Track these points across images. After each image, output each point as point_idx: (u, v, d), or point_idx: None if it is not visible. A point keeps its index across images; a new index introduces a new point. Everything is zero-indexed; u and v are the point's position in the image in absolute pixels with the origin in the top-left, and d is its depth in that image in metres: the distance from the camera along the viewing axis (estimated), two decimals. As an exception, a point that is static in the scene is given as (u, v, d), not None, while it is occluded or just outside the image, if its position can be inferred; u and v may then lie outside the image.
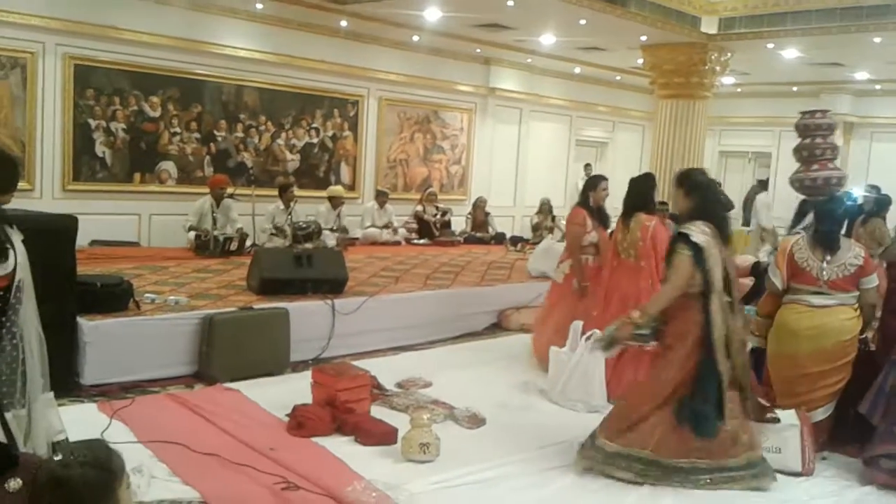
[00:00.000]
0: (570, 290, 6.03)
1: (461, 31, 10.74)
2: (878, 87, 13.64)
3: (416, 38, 11.07)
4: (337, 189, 10.28)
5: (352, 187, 11.45)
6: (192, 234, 8.50)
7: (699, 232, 3.96)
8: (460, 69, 12.52)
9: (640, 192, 5.69)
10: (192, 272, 7.30)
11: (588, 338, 5.16)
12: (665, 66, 10.88)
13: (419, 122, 12.34)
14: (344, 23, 10.26)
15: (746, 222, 12.99)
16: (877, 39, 9.34)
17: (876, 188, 10.01)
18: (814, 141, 6.34)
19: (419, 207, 11.43)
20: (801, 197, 6.71)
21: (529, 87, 13.48)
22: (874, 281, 4.51)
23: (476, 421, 4.71)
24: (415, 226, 11.25)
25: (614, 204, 5.99)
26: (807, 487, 4.18)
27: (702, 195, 4.16)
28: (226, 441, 4.28)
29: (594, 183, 6.22)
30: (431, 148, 12.57)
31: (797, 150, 6.30)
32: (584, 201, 6.17)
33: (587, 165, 13.99)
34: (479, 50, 12.00)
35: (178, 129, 9.62)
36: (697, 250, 3.92)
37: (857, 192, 4.84)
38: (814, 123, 6.38)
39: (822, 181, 6.30)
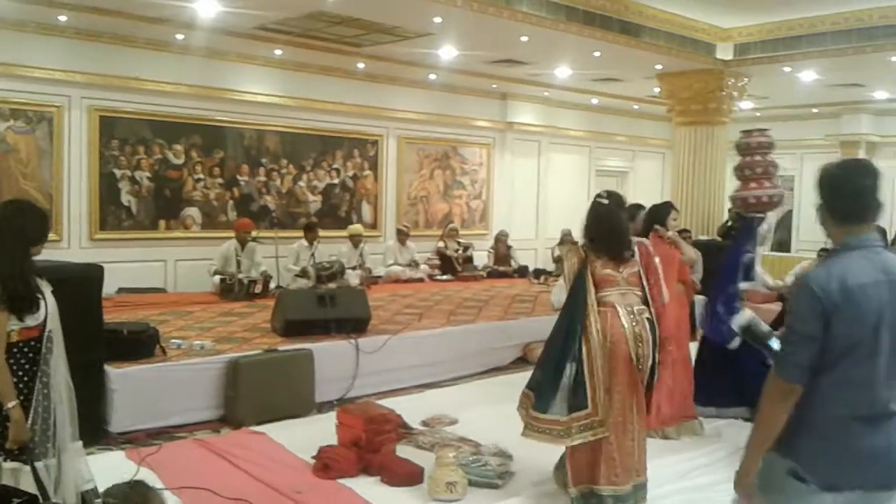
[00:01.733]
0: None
1: (477, 67, 10.86)
2: (898, 105, 13.54)
3: (432, 76, 11.21)
4: (356, 227, 10.36)
5: (373, 226, 11.53)
6: (217, 278, 8.59)
7: None
8: (477, 105, 12.64)
9: (655, 220, 5.66)
10: (217, 316, 7.37)
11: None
12: (682, 94, 10.90)
13: (438, 158, 12.44)
14: (361, 65, 10.43)
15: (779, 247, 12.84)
16: (894, 58, 9.29)
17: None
18: (753, 159, 6.40)
19: (441, 243, 11.47)
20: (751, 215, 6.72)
21: (547, 120, 13.55)
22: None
23: (504, 457, 4.66)
24: (437, 262, 11.28)
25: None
26: None
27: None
28: (253, 485, 4.28)
29: (663, 213, 5.83)
30: (451, 184, 12.64)
31: (737, 169, 6.37)
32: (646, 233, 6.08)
33: (609, 196, 13.94)
34: (495, 85, 12.11)
35: (201, 175, 9.78)
36: None
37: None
38: (754, 142, 6.45)
39: (766, 198, 6.31)
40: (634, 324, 3.99)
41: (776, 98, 13.05)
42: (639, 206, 5.85)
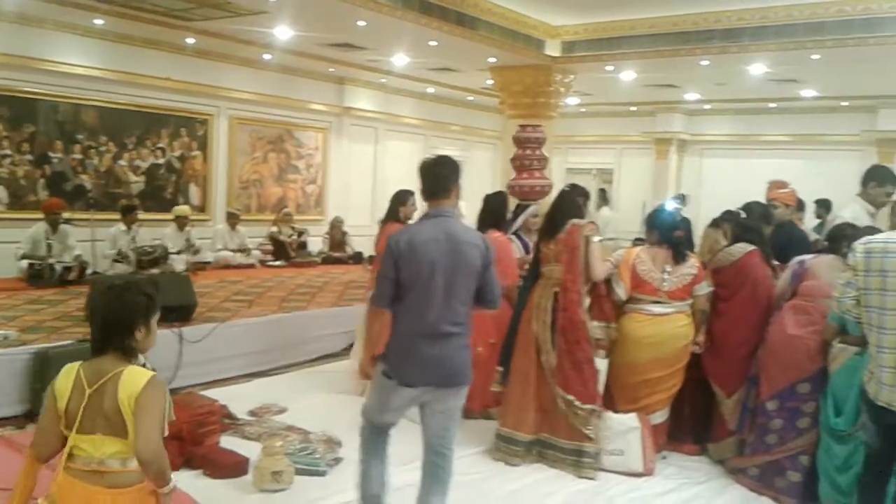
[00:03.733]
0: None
1: (314, 50, 10.66)
2: (707, 106, 14.67)
3: (267, 56, 10.89)
4: (183, 209, 9.91)
5: (202, 209, 11.07)
6: (25, 262, 7.93)
7: None
8: (314, 88, 12.43)
9: (493, 209, 5.83)
10: (23, 304, 6.81)
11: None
12: (513, 87, 11.23)
13: (272, 141, 12.13)
14: (191, 40, 9.95)
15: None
16: (704, 62, 10.04)
17: (682, 197, 10.75)
18: (525, 152, 6.99)
19: (274, 228, 11.21)
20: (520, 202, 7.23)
21: (384, 107, 13.56)
22: (705, 288, 4.82)
23: (333, 444, 4.64)
24: (270, 247, 11.01)
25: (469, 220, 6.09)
26: (648, 486, 4.40)
27: None
28: (61, 484, 3.99)
29: (403, 198, 6.09)
30: (286, 168, 12.38)
31: (513, 160, 6.96)
32: (395, 216, 6.03)
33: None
34: (332, 69, 11.96)
35: (8, 151, 8.97)
36: None
37: (670, 204, 5.13)
38: (526, 137, 7.04)
39: (534, 188, 6.97)
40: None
41: (599, 95, 13.76)
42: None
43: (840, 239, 4.29)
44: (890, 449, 3.44)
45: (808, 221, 7.94)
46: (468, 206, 6.55)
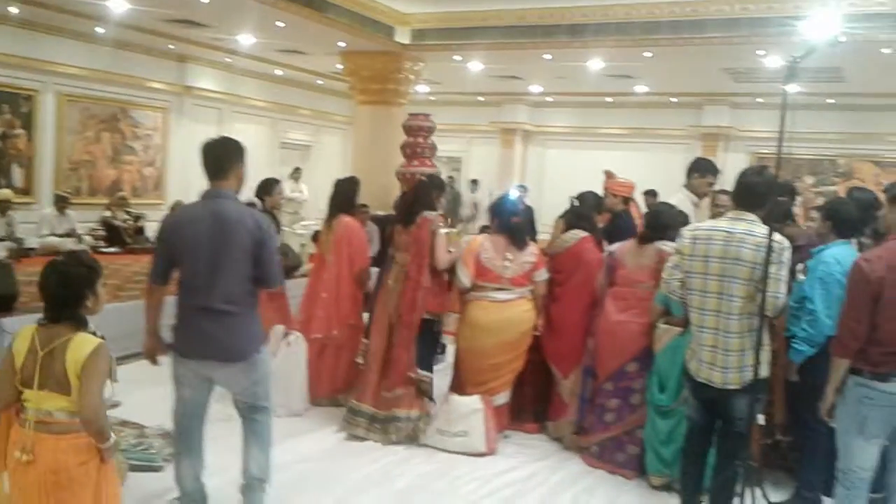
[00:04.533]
0: (268, 295, 5.91)
1: (152, 25, 10.13)
2: (549, 98, 15.23)
3: (100, 30, 10.22)
4: (4, 192, 9.19)
5: (26, 191, 10.27)
6: None
7: None
8: (152, 65, 11.82)
9: (343, 194, 5.79)
10: None
11: (289, 342, 5.19)
12: (363, 73, 11.17)
13: (106, 120, 11.44)
14: (14, 9, 9.17)
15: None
16: (547, 56, 10.41)
17: (524, 187, 11.15)
18: (416, 140, 7.15)
19: (108, 213, 10.57)
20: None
21: (229, 88, 13.12)
22: (544, 274, 5.01)
23: (168, 437, 4.45)
24: (103, 233, 10.38)
25: (320, 206, 6.02)
26: (491, 465, 4.55)
27: None
28: None
29: (269, 187, 5.98)
30: (121, 148, 11.71)
31: (403, 147, 7.09)
32: (261, 207, 5.85)
33: (296, 170, 13.89)
34: (172, 46, 11.41)
35: None
36: None
37: (513, 192, 5.31)
38: (417, 125, 7.20)
39: (419, 176, 7.15)
40: None
41: (448, 84, 13.96)
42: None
43: (659, 225, 4.63)
44: (709, 422, 3.73)
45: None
46: (313, 191, 6.45)
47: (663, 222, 4.63)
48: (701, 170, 5.51)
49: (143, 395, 5.42)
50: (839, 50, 7.19)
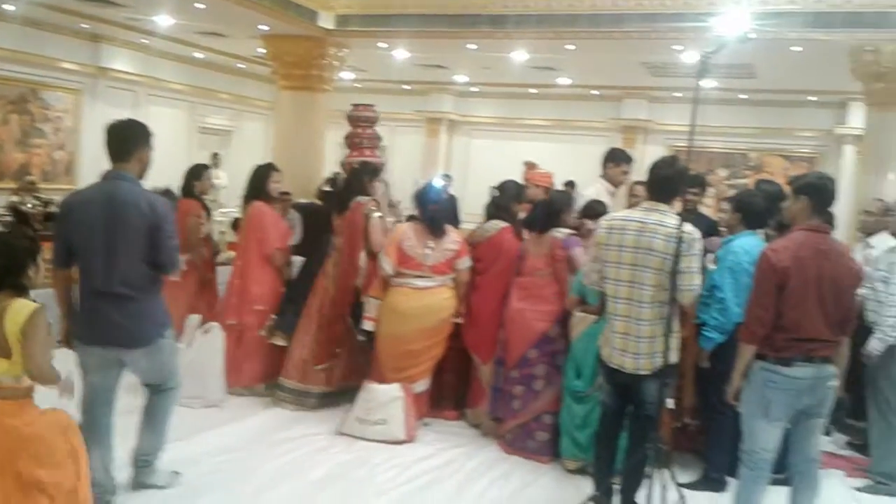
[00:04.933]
0: (185, 286, 5.75)
1: (64, 3, 9.69)
2: (474, 88, 15.29)
3: (9, 7, 9.73)
4: None
5: (-76, 175, 9.75)
6: None
7: None
8: (64, 45, 11.33)
9: (257, 181, 5.70)
10: None
11: (206, 331, 5.09)
12: (286, 58, 10.96)
13: (14, 101, 10.92)
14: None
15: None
16: (471, 46, 10.44)
17: (448, 176, 11.19)
18: (357, 130, 7.16)
19: (15, 198, 10.12)
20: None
21: (146, 70, 12.69)
22: (466, 263, 5.05)
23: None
24: (10, 219, 9.92)
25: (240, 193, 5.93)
26: (410, 452, 4.57)
27: None
28: None
29: (198, 172, 6.00)
30: (30, 131, 11.20)
31: (346, 138, 7.09)
32: (190, 191, 5.91)
33: (215, 155, 13.58)
34: (85, 25, 10.96)
35: None
36: None
37: (437, 181, 5.33)
38: (359, 115, 7.20)
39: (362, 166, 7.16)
40: None
41: (374, 72, 13.84)
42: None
43: (552, 212, 4.80)
44: (621, 407, 3.83)
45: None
46: (234, 178, 6.33)
47: (556, 209, 4.78)
48: (615, 159, 5.65)
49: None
50: (750, 47, 7.42)
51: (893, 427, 4.55)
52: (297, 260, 9.51)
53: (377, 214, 5.09)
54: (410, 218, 5.30)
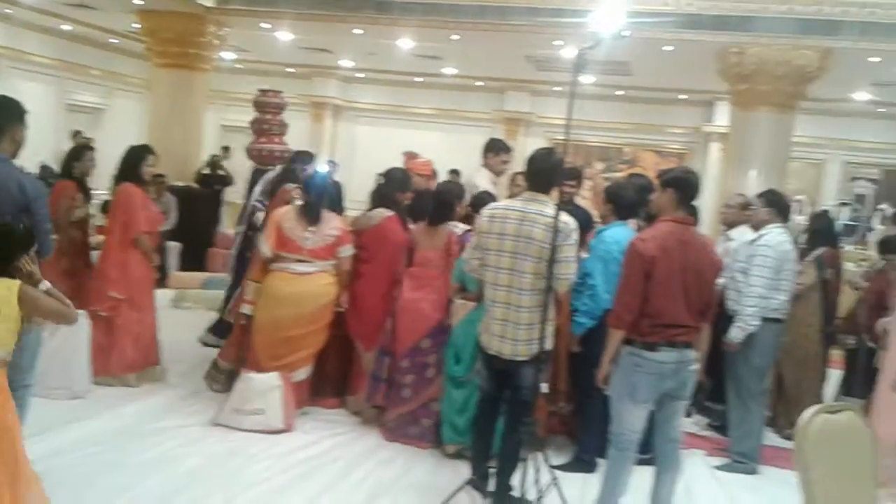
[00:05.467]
0: (52, 270, 5.44)
1: None
2: (360, 75, 15.17)
3: None
4: None
5: None
6: None
7: None
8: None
9: (128, 162, 5.45)
10: None
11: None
12: (162, 34, 10.52)
13: None
14: None
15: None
16: (357, 31, 10.34)
17: (333, 163, 11.10)
18: (264, 117, 7.02)
19: None
20: (257, 168, 7.28)
21: (9, 42, 11.89)
22: (349, 250, 5.02)
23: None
24: None
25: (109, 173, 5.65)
26: (288, 441, 4.51)
27: None
28: None
29: (79, 153, 5.80)
30: None
31: (253, 123, 6.96)
32: (69, 172, 5.66)
33: (76, 133, 12.81)
34: (-63, -10, 10.15)
35: None
36: None
37: (323, 167, 5.27)
38: (266, 101, 7.06)
39: (268, 153, 7.03)
40: None
41: (257, 53, 13.51)
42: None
43: (444, 204, 4.85)
44: (499, 392, 3.91)
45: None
46: (105, 159, 6.04)
47: (448, 201, 4.82)
48: (495, 149, 5.76)
49: None
50: (626, 45, 7.71)
51: (750, 409, 4.86)
52: (174, 246, 9.22)
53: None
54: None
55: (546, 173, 3.78)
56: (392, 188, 5.36)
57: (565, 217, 3.66)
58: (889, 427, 4.29)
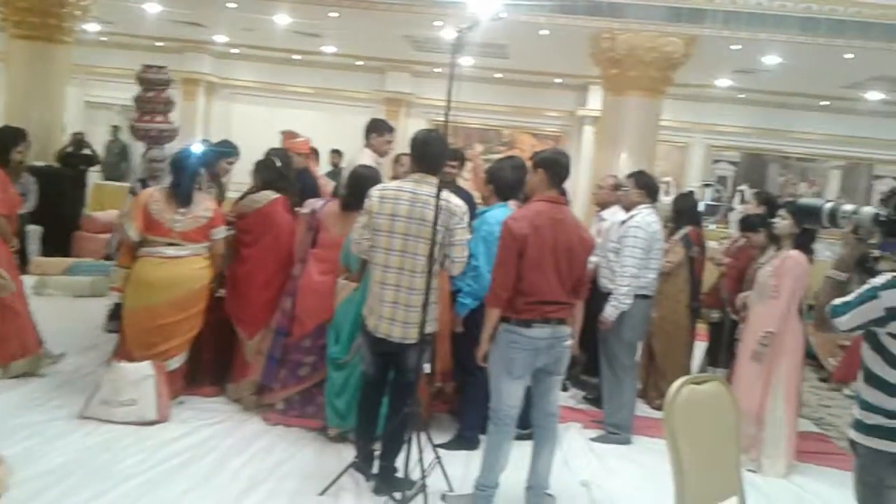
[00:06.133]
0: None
1: None
2: (235, 51, 14.66)
3: None
4: None
5: None
6: None
7: None
8: None
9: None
10: None
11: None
12: (18, 3, 9.80)
13: None
14: None
15: (118, 177, 12.79)
16: (231, 5, 9.99)
17: (207, 142, 10.79)
18: (148, 94, 6.77)
19: None
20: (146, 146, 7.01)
21: None
22: (223, 232, 4.86)
23: None
24: None
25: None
26: (163, 432, 4.35)
27: None
28: None
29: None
30: None
31: (137, 101, 6.69)
32: None
33: None
34: None
35: None
36: None
37: (196, 147, 5.07)
38: (151, 77, 6.80)
39: (156, 132, 6.78)
40: None
41: (123, 25, 12.81)
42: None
43: (363, 191, 4.66)
44: (384, 375, 3.91)
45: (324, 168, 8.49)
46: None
47: (363, 187, 4.67)
48: (378, 129, 5.73)
49: None
50: (503, 27, 7.84)
51: (623, 382, 5.08)
52: (34, 230, 8.67)
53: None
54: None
55: (436, 155, 3.79)
56: (282, 170, 5.15)
57: (456, 199, 3.69)
58: (749, 395, 4.60)
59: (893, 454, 2.46)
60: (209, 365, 5.07)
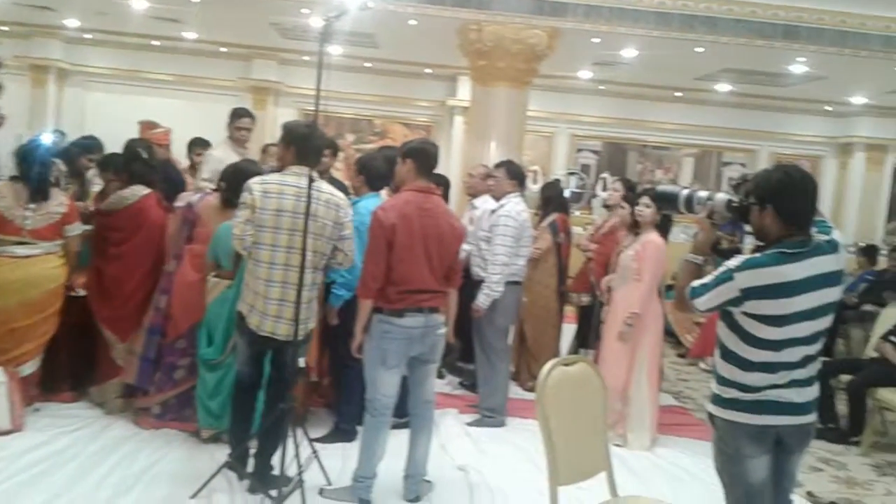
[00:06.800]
0: None
1: None
2: (88, 35, 13.84)
3: None
4: None
5: None
6: None
7: None
8: None
9: None
10: None
11: None
12: None
13: None
14: None
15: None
16: (82, -11, 9.43)
17: (60, 132, 10.22)
18: None
19: None
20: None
21: None
22: (78, 228, 4.61)
23: None
24: None
25: None
26: (18, 442, 4.09)
27: None
28: None
29: None
30: None
31: None
32: None
33: None
34: None
35: None
36: None
37: (46, 138, 4.76)
38: None
39: None
40: None
41: (-41, 6, 11.83)
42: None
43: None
44: (260, 374, 3.82)
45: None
46: None
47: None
48: (232, 116, 5.61)
49: None
50: (371, 16, 7.79)
51: (496, 367, 5.19)
52: None
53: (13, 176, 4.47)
54: (13, 179, 4.66)
55: (315, 146, 3.72)
56: (149, 163, 4.87)
57: (341, 193, 3.66)
58: (615, 374, 4.82)
59: (749, 426, 2.61)
60: (66, 369, 4.80)
